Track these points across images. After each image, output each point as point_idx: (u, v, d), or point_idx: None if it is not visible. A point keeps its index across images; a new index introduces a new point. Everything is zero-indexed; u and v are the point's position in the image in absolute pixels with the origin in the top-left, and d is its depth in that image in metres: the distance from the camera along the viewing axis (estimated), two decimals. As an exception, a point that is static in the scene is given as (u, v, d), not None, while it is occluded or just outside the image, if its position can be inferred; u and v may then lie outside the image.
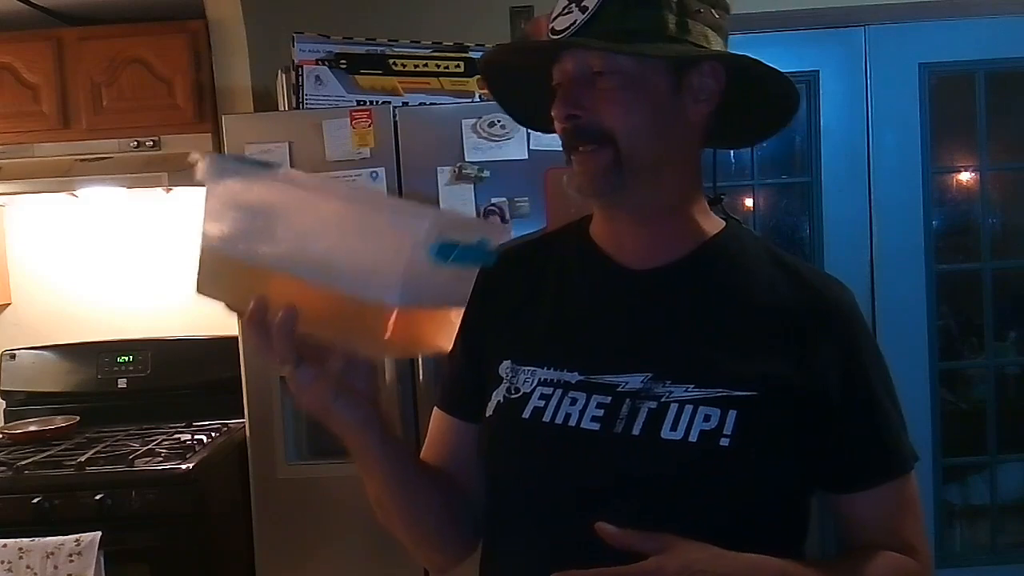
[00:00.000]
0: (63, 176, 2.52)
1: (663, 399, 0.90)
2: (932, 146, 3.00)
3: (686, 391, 0.90)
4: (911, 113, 2.98)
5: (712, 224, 1.00)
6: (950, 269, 3.08)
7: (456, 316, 0.79)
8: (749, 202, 3.12)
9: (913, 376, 2.93)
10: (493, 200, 2.27)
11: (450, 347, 0.81)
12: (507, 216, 2.26)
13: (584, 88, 0.91)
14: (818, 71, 2.97)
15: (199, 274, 0.81)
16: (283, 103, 2.47)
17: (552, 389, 0.93)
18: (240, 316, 0.79)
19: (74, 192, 2.70)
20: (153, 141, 2.55)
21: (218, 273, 0.81)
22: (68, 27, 2.69)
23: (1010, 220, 3.20)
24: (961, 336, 3.18)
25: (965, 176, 3.15)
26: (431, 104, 2.37)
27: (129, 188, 2.61)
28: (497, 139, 2.26)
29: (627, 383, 0.92)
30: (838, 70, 2.98)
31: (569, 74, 0.92)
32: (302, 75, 2.39)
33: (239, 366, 2.34)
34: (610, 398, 0.91)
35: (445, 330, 0.80)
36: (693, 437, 0.87)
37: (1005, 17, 2.93)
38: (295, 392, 0.83)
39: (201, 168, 0.78)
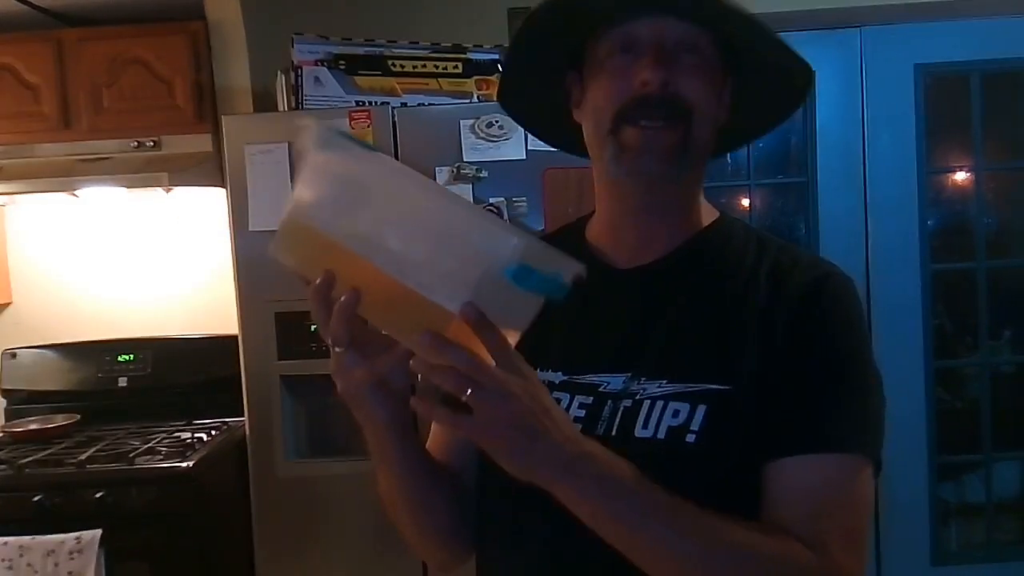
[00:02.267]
0: (64, 176, 2.52)
1: (637, 396, 0.89)
2: (927, 146, 3.01)
3: (659, 387, 0.88)
4: (907, 113, 2.98)
5: (707, 216, 0.99)
6: (945, 268, 3.09)
7: (512, 339, 0.78)
8: (745, 202, 3.13)
9: (908, 375, 2.94)
10: (491, 200, 2.27)
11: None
12: (505, 216, 2.27)
13: (672, 58, 0.88)
14: (814, 72, 2.97)
15: (278, 237, 0.81)
16: (282, 104, 2.47)
17: None
18: (307, 284, 0.78)
19: (75, 192, 2.70)
20: (153, 141, 2.55)
21: (296, 239, 0.80)
22: (68, 28, 2.69)
23: (1005, 220, 3.20)
24: (956, 335, 3.18)
25: (960, 176, 3.15)
26: (429, 105, 2.38)
27: (129, 188, 2.61)
28: (495, 139, 2.26)
29: (609, 383, 0.91)
30: (834, 71, 2.99)
31: (664, 39, 0.89)
32: (301, 76, 2.39)
33: (239, 365, 2.34)
34: (592, 399, 0.91)
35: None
36: (661, 434, 0.86)
37: (1000, 18, 2.94)
38: (335, 372, 0.83)
39: (309, 134, 0.77)
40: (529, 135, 2.19)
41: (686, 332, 0.92)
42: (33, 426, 2.60)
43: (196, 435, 2.46)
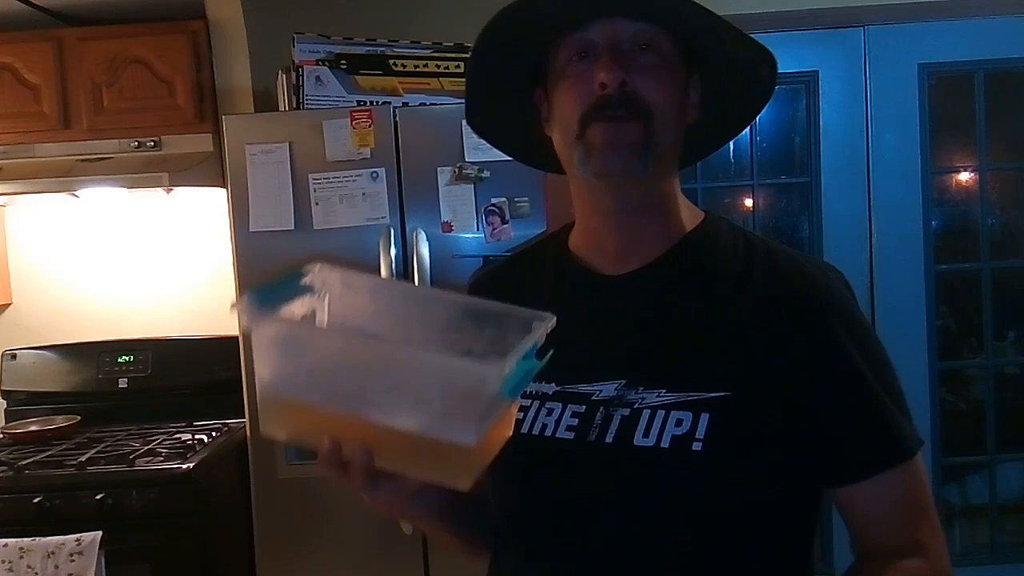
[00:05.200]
0: (64, 176, 2.52)
1: (636, 405, 0.89)
2: (931, 146, 3.01)
3: (658, 396, 0.88)
4: (910, 113, 2.98)
5: (691, 218, 0.98)
6: (949, 269, 3.08)
7: (516, 405, 0.81)
8: (748, 202, 3.12)
9: (912, 376, 2.93)
10: (493, 200, 2.27)
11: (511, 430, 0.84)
12: (507, 216, 2.26)
13: (628, 58, 0.89)
14: (817, 71, 2.97)
15: (261, 416, 0.81)
16: (283, 103, 2.47)
17: (530, 401, 0.93)
18: (310, 450, 0.80)
19: (75, 192, 2.70)
20: (154, 141, 2.55)
21: (280, 414, 0.81)
22: (68, 27, 2.69)
23: (1009, 220, 3.20)
24: (960, 336, 3.18)
25: (964, 176, 3.15)
26: (431, 104, 2.37)
27: (130, 188, 2.61)
28: (497, 139, 2.26)
29: (601, 391, 0.91)
30: (837, 70, 2.98)
31: (618, 40, 0.89)
32: (302, 75, 2.39)
33: (239, 366, 2.34)
34: (584, 407, 0.91)
35: (508, 420, 0.82)
36: (665, 443, 0.86)
37: (1004, 17, 2.93)
38: (372, 504, 0.85)
39: (242, 313, 0.77)
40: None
41: (679, 338, 0.91)
42: (33, 427, 2.60)
43: (197, 437, 2.46)
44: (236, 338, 2.36)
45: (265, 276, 2.25)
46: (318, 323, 0.86)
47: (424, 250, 2.27)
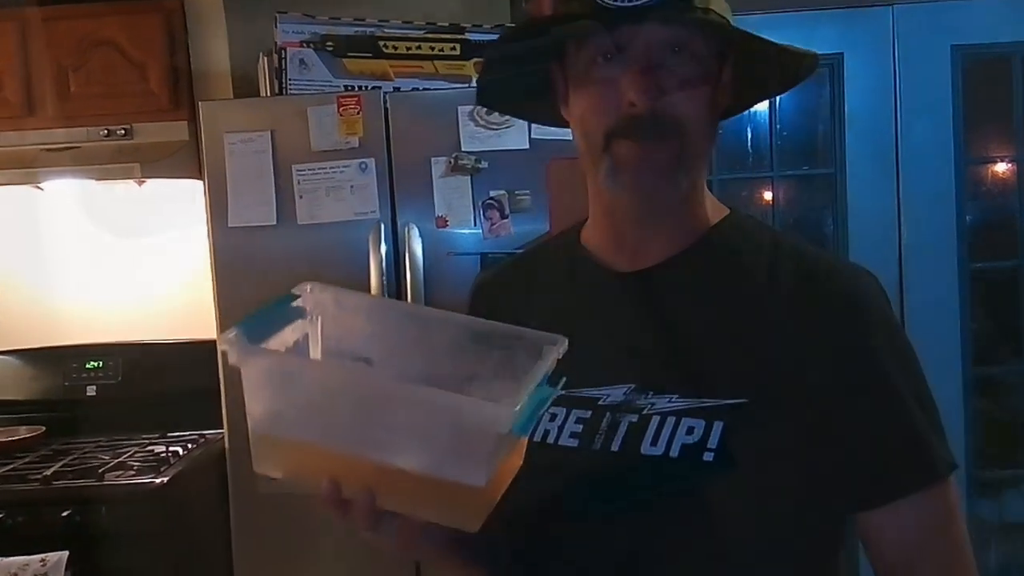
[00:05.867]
0: (27, 167, 2.52)
1: (645, 411, 0.89)
2: (965, 134, 3.00)
3: (669, 402, 0.88)
4: (943, 99, 2.97)
5: (714, 213, 0.99)
6: (985, 267, 3.08)
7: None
8: (768, 195, 3.12)
9: (945, 383, 2.93)
10: (491, 193, 2.28)
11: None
12: (507, 210, 2.27)
13: (660, 70, 0.88)
14: (842, 54, 2.97)
15: (255, 455, 0.82)
16: (265, 88, 2.47)
17: None
18: (307, 490, 0.80)
19: (39, 184, 2.70)
20: (125, 129, 2.55)
21: (274, 453, 0.82)
22: (32, 7, 2.68)
23: (1050, 214, 3.20)
24: (997, 339, 3.18)
25: (1001, 167, 3.14)
26: (424, 90, 2.38)
27: (99, 180, 2.61)
28: (496, 127, 2.26)
29: (608, 396, 0.91)
30: (864, 52, 2.98)
31: (649, 47, 0.87)
32: (285, 58, 2.39)
33: (217, 373, 2.34)
34: (590, 412, 0.91)
35: (519, 451, 0.83)
36: (675, 452, 0.86)
37: (1046, -5, 2.93)
38: (379, 544, 0.86)
39: (229, 348, 0.77)
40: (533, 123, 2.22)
41: (695, 340, 0.92)
42: (-6, 439, 2.60)
43: (171, 449, 2.46)
44: (214, 343, 2.36)
45: (246, 276, 2.28)
46: (312, 349, 0.86)
47: (417, 247, 2.27)
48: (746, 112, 1.06)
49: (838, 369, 0.88)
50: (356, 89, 2.37)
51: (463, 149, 2.26)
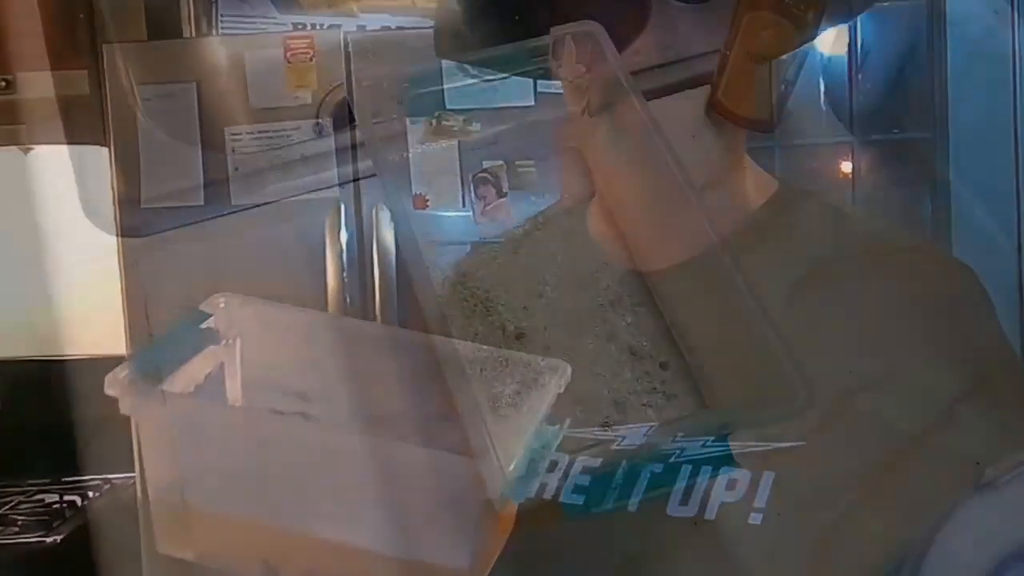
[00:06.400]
0: None
1: (672, 459, 0.87)
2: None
3: (703, 446, 0.87)
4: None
5: (759, 191, 0.99)
6: None
7: None
8: (846, 166, 3.13)
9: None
10: (485, 165, 2.27)
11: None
12: (505, 187, 2.26)
13: None
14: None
15: (157, 532, 0.79)
16: (189, 28, 2.47)
17: None
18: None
19: None
20: (6, 81, 2.56)
21: (184, 529, 0.79)
22: None
23: None
24: None
25: None
26: (397, 28, 2.37)
27: (-28, 147, 2.61)
28: (491, 77, 2.26)
29: (624, 438, 0.91)
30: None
31: None
32: (216, -12, 2.39)
33: (127, 398, 2.34)
34: (600, 460, 0.91)
35: (510, 516, 0.83)
36: (711, 513, 0.86)
37: None
38: None
39: (120, 393, 0.76)
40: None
41: (733, 361, 0.91)
42: None
43: (67, 498, 2.48)
44: (123, 359, 2.35)
45: (163, 273, 2.27)
46: (229, 384, 0.84)
47: (388, 234, 2.26)
48: (818, 58, 1.05)
49: (928, 387, 0.87)
50: (308, 28, 2.36)
51: (447, 106, 2.26)
